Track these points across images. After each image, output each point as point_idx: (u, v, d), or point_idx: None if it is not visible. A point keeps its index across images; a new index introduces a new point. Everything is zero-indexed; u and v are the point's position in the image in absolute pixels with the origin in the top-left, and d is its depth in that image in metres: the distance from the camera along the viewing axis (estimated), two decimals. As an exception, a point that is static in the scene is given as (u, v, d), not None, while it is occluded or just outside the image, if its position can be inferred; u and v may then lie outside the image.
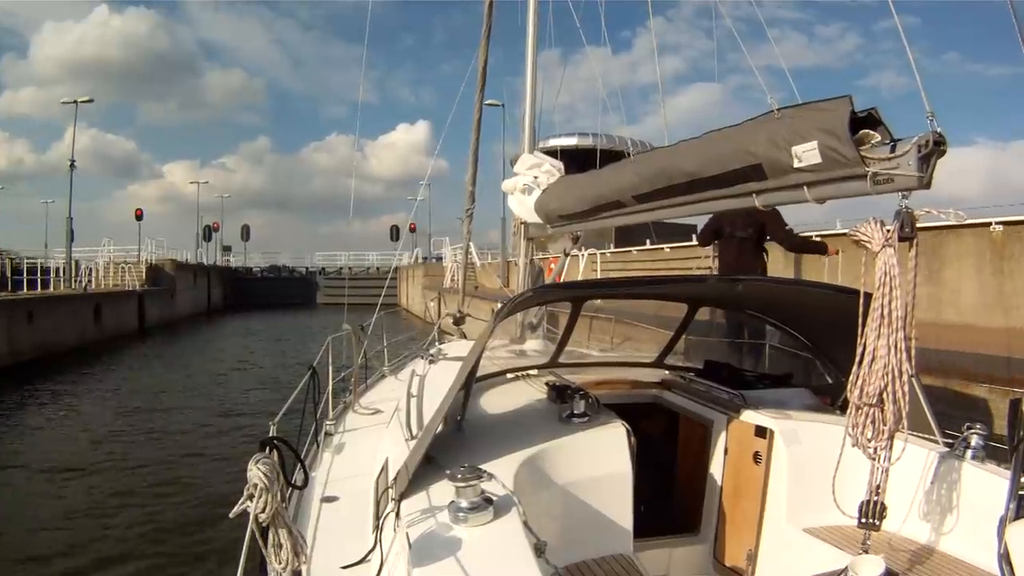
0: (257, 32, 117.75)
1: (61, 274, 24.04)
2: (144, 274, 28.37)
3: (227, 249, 50.17)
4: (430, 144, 77.29)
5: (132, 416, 10.92)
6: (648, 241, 14.37)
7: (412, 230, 33.51)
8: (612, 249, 15.66)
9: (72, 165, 25.46)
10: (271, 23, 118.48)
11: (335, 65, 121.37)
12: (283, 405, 3.09)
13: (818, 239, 5.77)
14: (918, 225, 1.71)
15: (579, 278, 13.47)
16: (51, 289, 22.00)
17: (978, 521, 2.03)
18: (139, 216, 36.33)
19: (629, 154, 3.16)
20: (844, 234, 6.27)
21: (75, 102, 25.92)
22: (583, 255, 14.94)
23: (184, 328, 27.92)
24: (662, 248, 14.13)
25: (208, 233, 47.78)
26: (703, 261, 10.74)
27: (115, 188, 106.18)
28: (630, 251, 15.18)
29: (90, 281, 25.62)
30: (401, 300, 35.83)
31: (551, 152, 6.57)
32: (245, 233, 50.56)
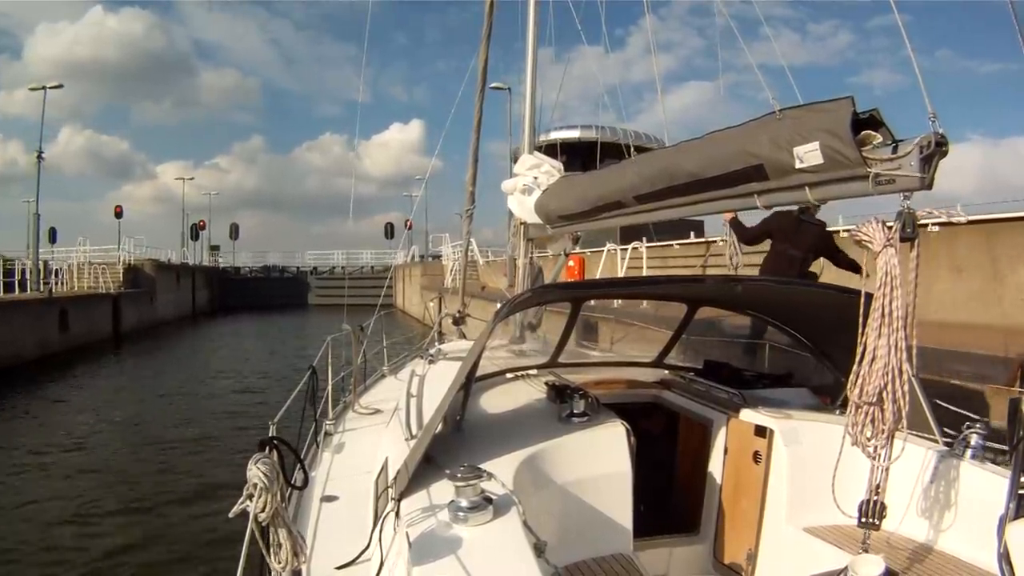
0: (251, 32, 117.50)
1: (28, 276, 22.16)
2: (121, 275, 26.28)
3: (215, 248, 47.90)
4: (424, 143, 77.08)
5: (87, 431, 10.14)
6: (694, 234, 13.30)
7: (408, 227, 32.72)
8: (647, 243, 13.29)
9: (40, 157, 23.50)
10: (265, 23, 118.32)
11: (328, 64, 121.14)
12: (282, 406, 3.08)
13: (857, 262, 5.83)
14: (919, 223, 1.72)
15: (620, 274, 12.58)
16: (16, 292, 20.19)
17: (978, 520, 2.03)
18: (119, 213, 34.25)
19: (629, 148, 3.15)
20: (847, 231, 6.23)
21: (43, 88, 24.13)
22: (627, 249, 13.43)
23: (166, 333, 26.02)
24: (714, 241, 12.17)
25: (195, 232, 45.51)
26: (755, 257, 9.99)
27: (109, 189, 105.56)
28: (671, 245, 13.46)
29: (58, 283, 23.65)
30: (397, 301, 34.46)
31: (551, 146, 6.57)
32: (234, 232, 48.36)
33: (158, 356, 20.08)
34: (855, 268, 5.60)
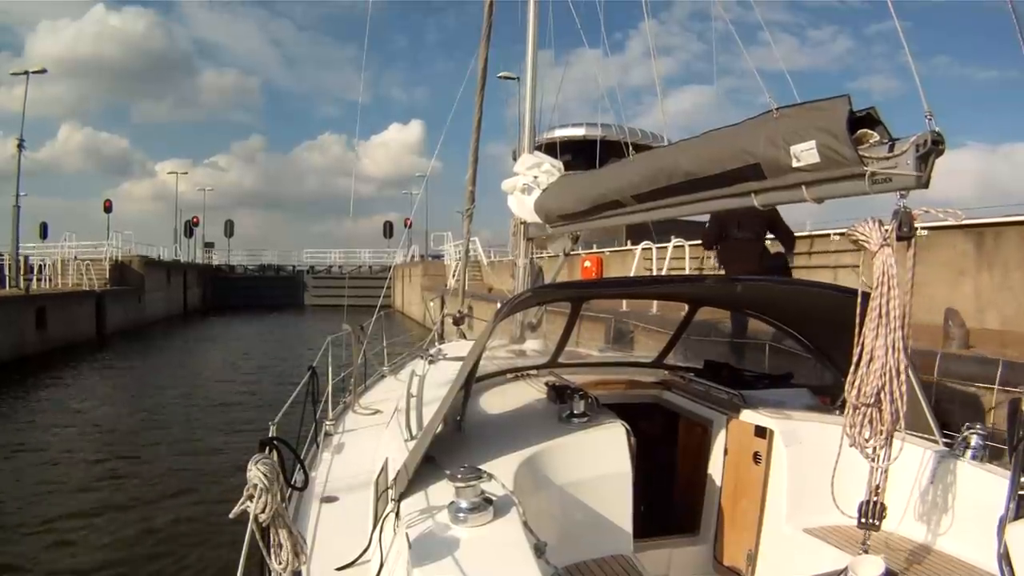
0: (252, 32, 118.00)
1: (7, 272, 20.80)
2: (107, 272, 24.99)
3: (209, 246, 46.59)
4: (423, 144, 77.13)
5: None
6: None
7: (408, 226, 32.18)
8: (675, 242, 11.78)
9: (20, 145, 22.20)
10: (266, 23, 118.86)
11: (328, 65, 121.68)
12: (282, 406, 3.09)
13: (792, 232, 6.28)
14: (916, 225, 1.72)
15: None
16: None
17: (978, 521, 2.03)
18: (108, 208, 32.77)
19: (628, 146, 3.15)
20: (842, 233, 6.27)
21: (26, 73, 22.73)
22: (667, 247, 11.85)
23: (154, 334, 24.84)
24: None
25: (189, 229, 44.05)
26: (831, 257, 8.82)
27: (108, 186, 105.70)
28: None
29: (42, 280, 22.54)
30: (396, 302, 33.55)
31: (552, 145, 6.59)
32: (228, 229, 46.64)
33: (144, 358, 18.92)
34: (790, 239, 6.06)
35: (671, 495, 3.21)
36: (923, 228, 1.76)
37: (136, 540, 5.97)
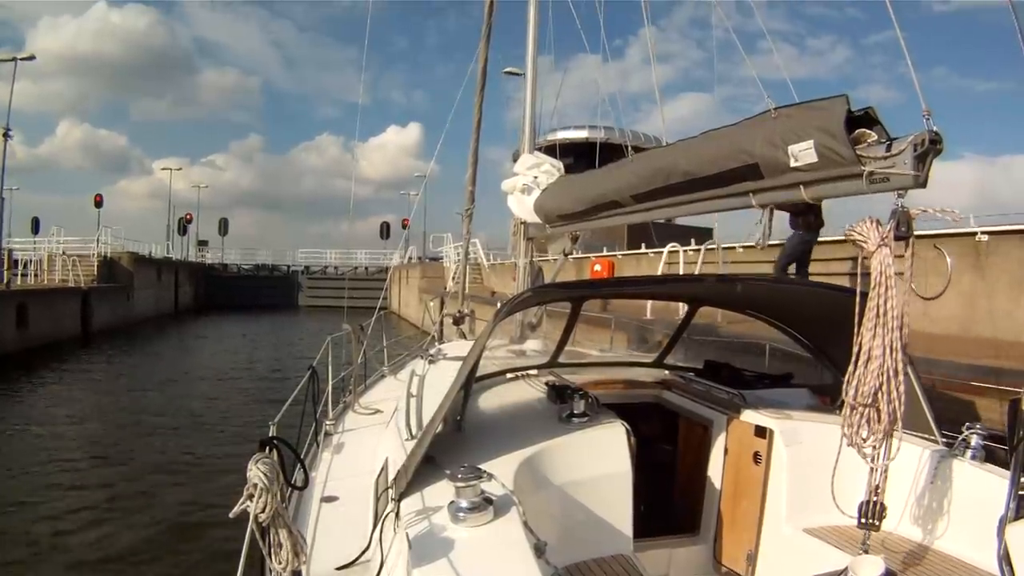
0: (253, 32, 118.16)
1: None
2: (95, 269, 24.35)
3: (202, 243, 45.78)
4: (420, 147, 77.27)
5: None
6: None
7: (405, 226, 31.55)
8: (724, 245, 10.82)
9: (6, 134, 21.82)
10: (267, 23, 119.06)
11: (328, 66, 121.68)
12: (282, 406, 3.09)
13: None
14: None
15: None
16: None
17: (978, 521, 2.03)
18: (98, 203, 32.20)
19: (629, 149, 3.16)
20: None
21: (14, 59, 22.47)
22: (699, 250, 11.12)
23: (143, 333, 23.99)
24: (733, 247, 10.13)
25: (182, 226, 43.34)
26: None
27: (106, 183, 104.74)
28: (734, 247, 10.77)
29: (23, 276, 22.13)
30: (392, 304, 32.48)
31: (552, 147, 6.62)
32: (223, 227, 45.68)
33: (131, 358, 18.25)
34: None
35: (671, 495, 3.21)
36: (983, 233, 1.78)
37: (132, 541, 5.95)
